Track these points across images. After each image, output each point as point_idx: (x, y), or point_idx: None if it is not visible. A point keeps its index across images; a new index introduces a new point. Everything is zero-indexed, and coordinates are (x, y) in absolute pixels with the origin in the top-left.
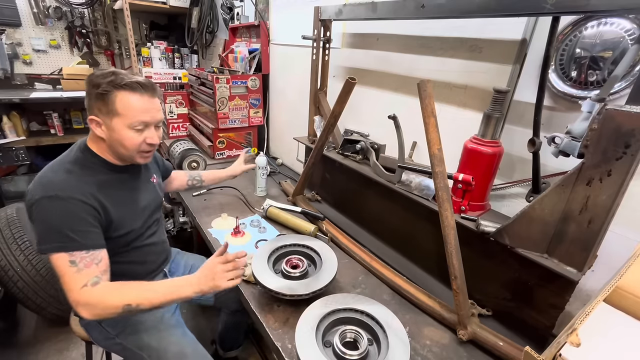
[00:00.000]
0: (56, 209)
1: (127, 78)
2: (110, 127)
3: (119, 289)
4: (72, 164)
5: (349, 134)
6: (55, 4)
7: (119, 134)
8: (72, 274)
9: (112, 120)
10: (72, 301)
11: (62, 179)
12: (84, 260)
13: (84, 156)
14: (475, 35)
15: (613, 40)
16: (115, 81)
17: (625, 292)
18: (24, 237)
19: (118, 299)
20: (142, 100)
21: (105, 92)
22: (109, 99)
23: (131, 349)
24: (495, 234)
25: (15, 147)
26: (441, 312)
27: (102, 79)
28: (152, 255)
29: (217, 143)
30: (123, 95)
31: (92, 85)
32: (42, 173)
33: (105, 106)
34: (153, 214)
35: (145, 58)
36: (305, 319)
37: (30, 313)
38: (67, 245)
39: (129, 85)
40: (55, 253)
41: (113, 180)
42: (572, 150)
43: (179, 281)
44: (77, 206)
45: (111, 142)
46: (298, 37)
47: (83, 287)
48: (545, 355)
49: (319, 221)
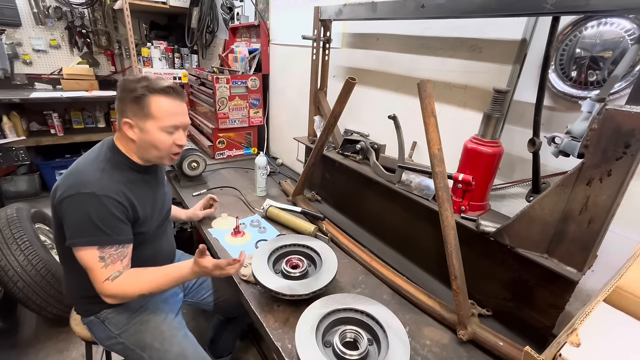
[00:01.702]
0: (93, 206)
1: (161, 83)
2: (144, 130)
3: (135, 280)
4: (105, 162)
5: (349, 134)
6: (55, 4)
7: (152, 136)
8: (98, 269)
9: (145, 122)
10: (99, 291)
11: (97, 177)
12: (112, 257)
13: (114, 156)
14: (475, 35)
15: (613, 40)
16: (150, 86)
17: (625, 292)
18: (24, 237)
19: (134, 289)
20: (174, 104)
21: (140, 95)
22: (143, 102)
23: (133, 349)
24: (495, 234)
25: (15, 147)
26: (441, 312)
27: (136, 84)
28: (162, 254)
29: (217, 143)
30: (157, 99)
31: (126, 89)
32: (75, 170)
33: (140, 109)
34: (167, 214)
35: (145, 58)
36: (305, 319)
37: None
38: (101, 239)
39: (163, 90)
40: (87, 247)
41: (139, 180)
42: (572, 150)
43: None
44: (111, 204)
45: (142, 143)
46: (298, 37)
47: (105, 281)
48: (545, 355)
49: (319, 221)
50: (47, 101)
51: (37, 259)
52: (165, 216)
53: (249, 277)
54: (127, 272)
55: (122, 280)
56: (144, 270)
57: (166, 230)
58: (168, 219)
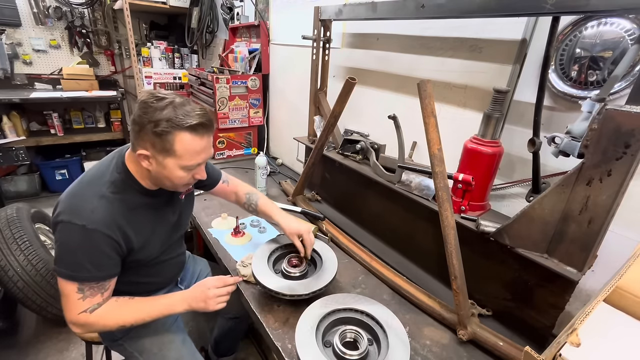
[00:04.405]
0: (80, 239)
1: (189, 117)
2: (162, 164)
3: (115, 311)
4: (107, 185)
5: (349, 134)
6: (55, 4)
7: (170, 172)
8: (75, 299)
9: (165, 158)
10: (68, 320)
11: (93, 207)
12: (92, 290)
13: (121, 178)
14: (475, 35)
15: (613, 40)
16: (176, 121)
17: (625, 292)
18: (24, 237)
19: (113, 321)
20: (202, 142)
21: (164, 131)
22: (166, 138)
23: (131, 352)
24: (495, 234)
25: (15, 147)
26: (441, 312)
27: (160, 114)
28: (168, 270)
29: (217, 143)
30: (184, 136)
31: (147, 118)
32: (75, 189)
33: (161, 144)
34: (176, 232)
35: (145, 58)
36: (305, 319)
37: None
38: (80, 275)
39: (192, 128)
40: (67, 280)
41: (143, 205)
42: (572, 150)
43: (173, 298)
44: (101, 240)
45: (157, 175)
46: (298, 37)
47: (81, 313)
48: (545, 355)
49: (319, 221)
50: (47, 101)
51: (37, 259)
52: (176, 234)
53: (249, 277)
54: (109, 302)
55: (102, 312)
56: (129, 302)
57: (177, 245)
58: (182, 234)
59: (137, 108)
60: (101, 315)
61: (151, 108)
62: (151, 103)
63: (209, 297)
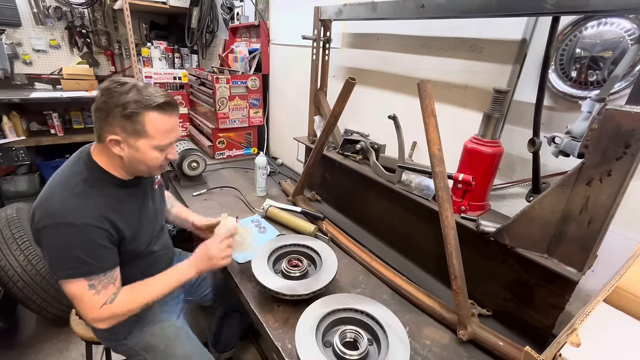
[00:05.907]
0: (71, 237)
1: (155, 97)
2: (134, 147)
3: (134, 293)
4: (80, 184)
5: (349, 134)
6: (55, 4)
7: (143, 154)
8: (91, 296)
9: (137, 141)
10: (92, 319)
11: (73, 205)
12: (102, 282)
13: (91, 174)
14: (475, 35)
15: (613, 40)
16: (143, 101)
17: (625, 292)
18: (24, 237)
19: (135, 303)
20: (170, 120)
21: (133, 113)
22: (136, 119)
23: (137, 351)
24: (495, 234)
25: (15, 147)
26: (441, 312)
27: (126, 97)
28: (159, 262)
29: (217, 143)
30: (153, 116)
31: (114, 102)
32: (47, 195)
33: (132, 125)
34: (158, 221)
35: (145, 58)
36: (305, 319)
37: (30, 313)
38: (86, 270)
39: (159, 107)
40: (73, 279)
41: (122, 196)
42: (572, 150)
43: (181, 267)
44: (92, 232)
45: (131, 161)
46: (298, 37)
47: (103, 305)
48: (545, 355)
49: (319, 221)
50: (47, 101)
51: (37, 259)
52: (158, 234)
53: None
54: (124, 289)
55: (122, 298)
56: (142, 283)
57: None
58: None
59: (99, 95)
60: (123, 300)
61: (116, 93)
62: (114, 88)
63: (213, 256)
